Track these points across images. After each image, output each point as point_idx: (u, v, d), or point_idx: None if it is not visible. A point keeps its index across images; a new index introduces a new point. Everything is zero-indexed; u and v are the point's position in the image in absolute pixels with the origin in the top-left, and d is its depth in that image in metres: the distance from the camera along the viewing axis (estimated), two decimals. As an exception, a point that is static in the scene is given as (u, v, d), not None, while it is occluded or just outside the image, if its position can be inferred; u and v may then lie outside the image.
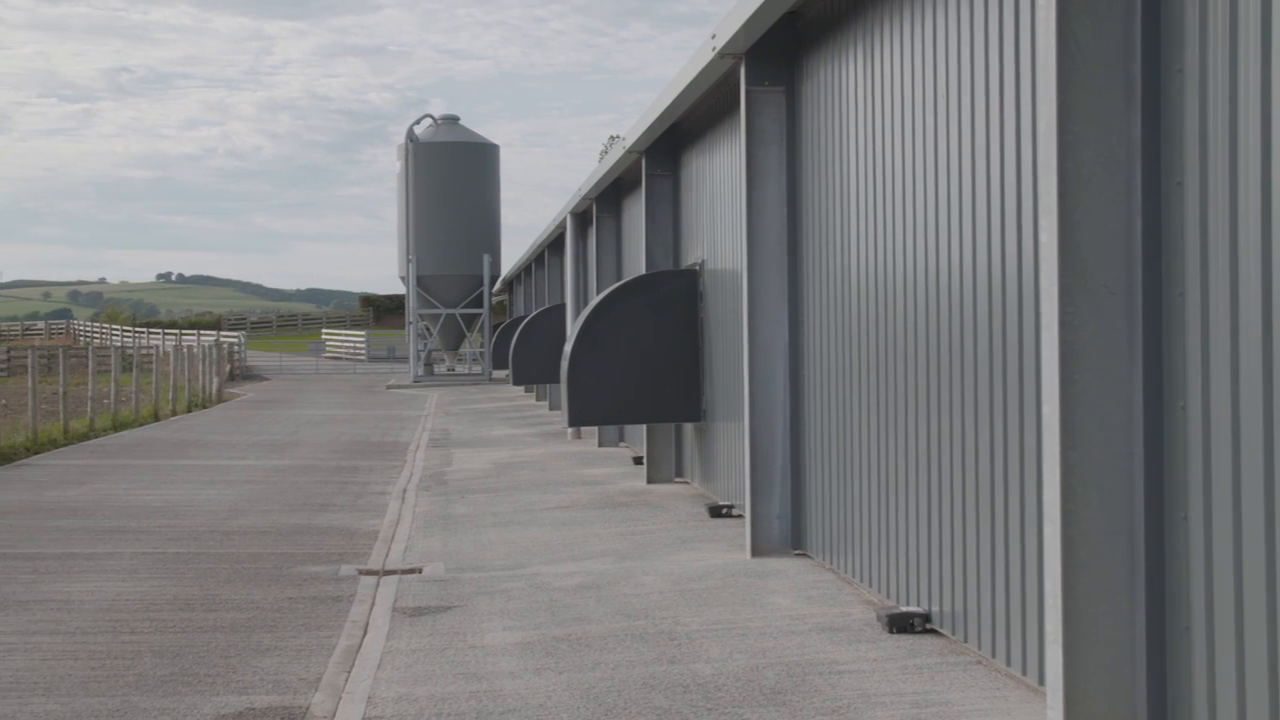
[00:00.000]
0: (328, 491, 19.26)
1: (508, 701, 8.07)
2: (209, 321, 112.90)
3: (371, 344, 78.67)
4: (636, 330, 17.24)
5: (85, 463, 23.71)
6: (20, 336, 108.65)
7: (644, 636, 9.60)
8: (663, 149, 18.78)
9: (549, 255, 38.91)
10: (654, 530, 14.59)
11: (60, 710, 8.11)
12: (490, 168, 58.87)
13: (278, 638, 10.01)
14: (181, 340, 62.43)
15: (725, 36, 12.41)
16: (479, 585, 11.85)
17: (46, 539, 14.72)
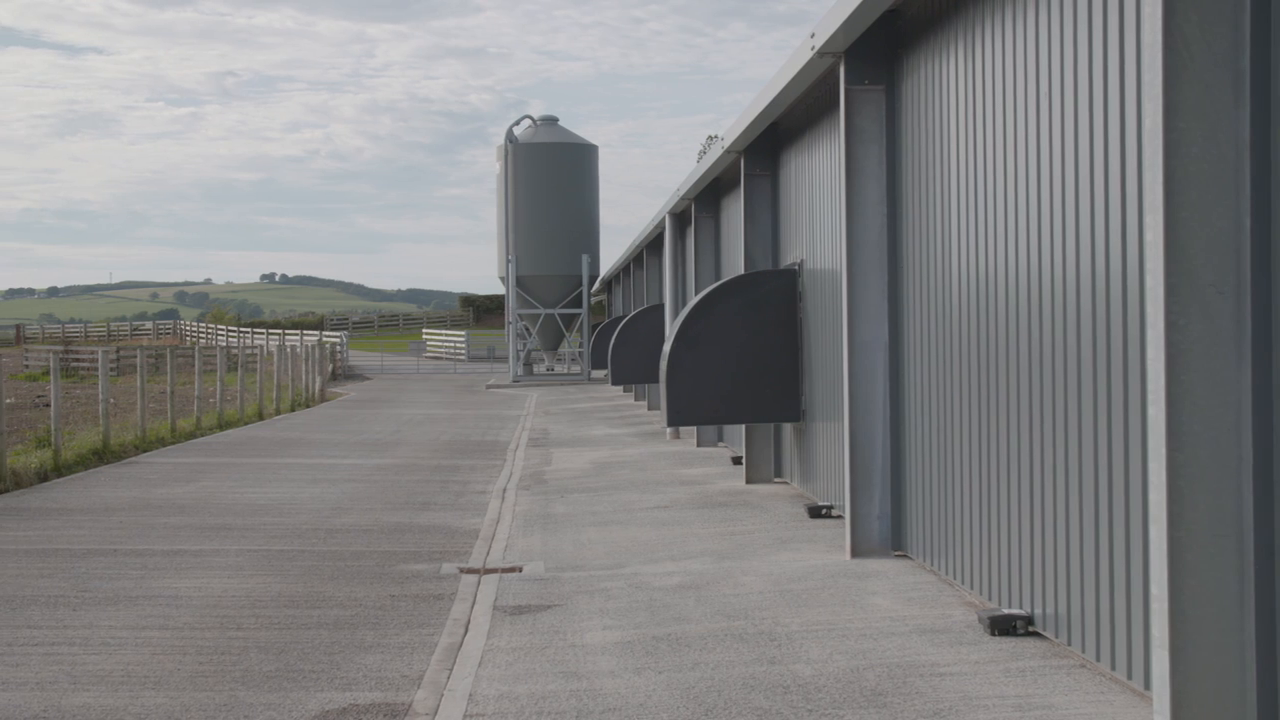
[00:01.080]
0: (429, 490, 19.42)
1: (608, 700, 8.10)
2: (312, 322, 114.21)
3: (471, 344, 79.18)
4: (735, 330, 17.21)
5: (192, 461, 24.07)
6: (129, 337, 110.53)
7: (744, 637, 9.60)
8: (761, 149, 18.75)
9: (647, 255, 38.95)
10: (753, 530, 14.57)
11: (169, 704, 8.25)
12: (589, 168, 59.03)
13: (380, 635, 10.11)
14: (285, 340, 63.21)
15: (824, 36, 12.37)
16: (579, 584, 11.90)
17: (155, 536, 14.97)
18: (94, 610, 10.96)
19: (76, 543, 14.45)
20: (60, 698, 8.37)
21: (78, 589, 11.85)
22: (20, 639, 9.94)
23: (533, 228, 56.93)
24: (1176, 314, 6.42)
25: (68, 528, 15.56)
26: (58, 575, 12.52)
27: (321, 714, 8.04)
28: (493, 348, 77.74)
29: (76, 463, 22.60)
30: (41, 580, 12.26)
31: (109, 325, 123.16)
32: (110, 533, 15.19)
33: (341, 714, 8.04)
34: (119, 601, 11.32)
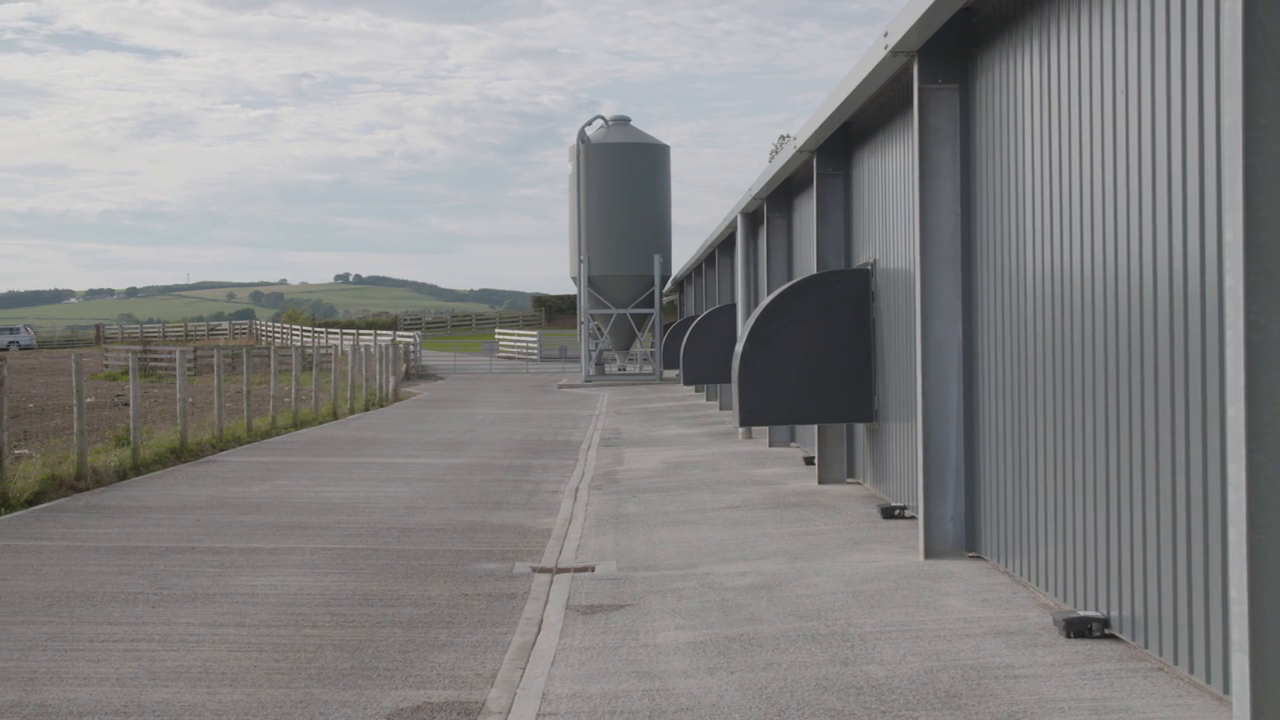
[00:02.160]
0: (502, 490, 19.50)
1: (680, 700, 8.10)
2: (385, 322, 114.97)
3: (543, 344, 79.43)
4: (808, 330, 17.17)
5: (267, 460, 24.30)
6: (206, 336, 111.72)
7: (816, 637, 9.57)
8: (834, 148, 18.69)
9: (719, 255, 38.92)
10: (826, 531, 14.52)
11: (246, 700, 8.33)
12: (661, 168, 59.05)
13: (454, 633, 10.16)
14: (359, 340, 63.66)
15: (898, 34, 12.32)
16: (651, 584, 11.91)
17: (231, 534, 15.12)
18: (172, 607, 11.08)
19: (155, 540, 14.62)
20: (140, 693, 8.48)
21: (156, 586, 11.99)
22: (101, 635, 10.08)
23: (605, 228, 57.02)
24: (1256, 313, 6.34)
25: (146, 525, 15.75)
26: (137, 572, 12.67)
27: (396, 712, 8.09)
28: (565, 348, 77.94)
29: (155, 461, 22.86)
30: (121, 577, 12.42)
31: (186, 325, 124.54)
32: (187, 531, 15.36)
33: (416, 712, 8.09)
34: (196, 599, 11.45)
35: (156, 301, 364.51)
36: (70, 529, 15.50)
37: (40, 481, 18.48)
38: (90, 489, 19.38)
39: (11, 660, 9.31)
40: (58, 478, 19.06)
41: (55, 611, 10.92)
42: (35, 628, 10.32)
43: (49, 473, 19.01)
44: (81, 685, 8.67)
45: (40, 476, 18.67)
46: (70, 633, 10.16)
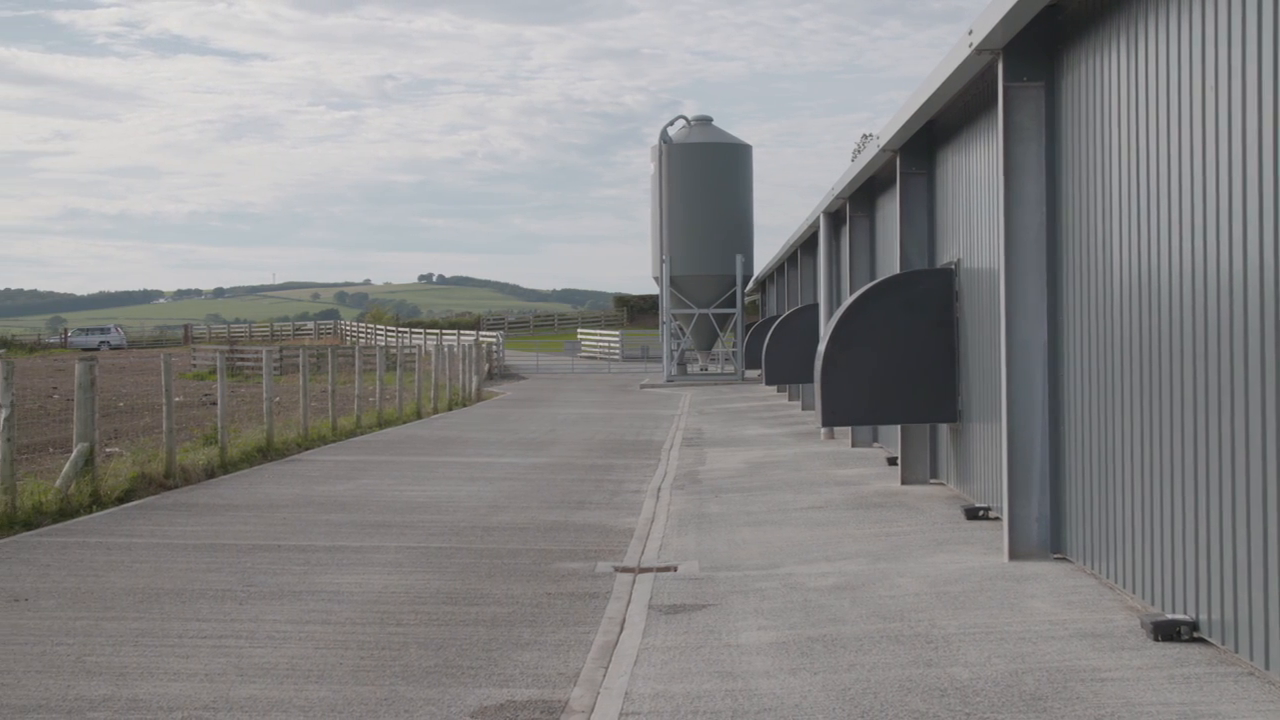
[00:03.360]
0: (584, 489, 19.56)
1: (763, 701, 8.09)
2: (468, 322, 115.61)
3: (625, 343, 79.55)
4: (891, 330, 17.09)
5: (352, 459, 24.50)
6: (291, 336, 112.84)
7: (899, 638, 9.53)
8: (917, 147, 18.59)
9: (801, 255, 38.82)
10: (909, 532, 14.45)
11: (332, 697, 8.41)
12: (743, 168, 58.98)
13: (537, 632, 10.21)
14: (442, 340, 64.05)
15: (983, 32, 12.24)
16: (733, 584, 11.90)
17: (317, 532, 15.27)
18: (259, 604, 11.21)
19: (242, 538, 14.79)
20: (228, 689, 8.59)
21: (244, 583, 12.14)
22: (190, 631, 10.21)
23: (687, 228, 57.02)
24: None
25: (234, 523, 15.94)
26: (224, 570, 12.83)
27: (480, 710, 8.14)
28: (647, 347, 78.02)
29: (242, 460, 23.12)
30: (209, 574, 12.58)
31: (272, 325, 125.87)
32: (274, 528, 15.53)
33: (499, 710, 8.14)
34: (283, 596, 11.57)
35: (243, 301, 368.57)
36: (160, 526, 15.71)
37: (130, 479, 18.75)
38: (179, 487, 19.64)
39: (104, 655, 9.46)
40: (147, 476, 19.33)
41: (146, 608, 11.08)
42: (126, 623, 10.48)
43: (139, 471, 19.28)
44: (171, 680, 8.79)
45: (130, 474, 18.94)
46: (160, 629, 10.30)
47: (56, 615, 10.79)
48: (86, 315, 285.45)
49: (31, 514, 15.95)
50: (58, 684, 8.72)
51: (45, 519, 16.05)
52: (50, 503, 16.50)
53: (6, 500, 15.65)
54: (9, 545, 14.29)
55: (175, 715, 8.02)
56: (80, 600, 11.38)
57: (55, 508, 16.48)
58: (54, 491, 16.87)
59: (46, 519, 16.06)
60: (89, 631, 10.20)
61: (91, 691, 8.53)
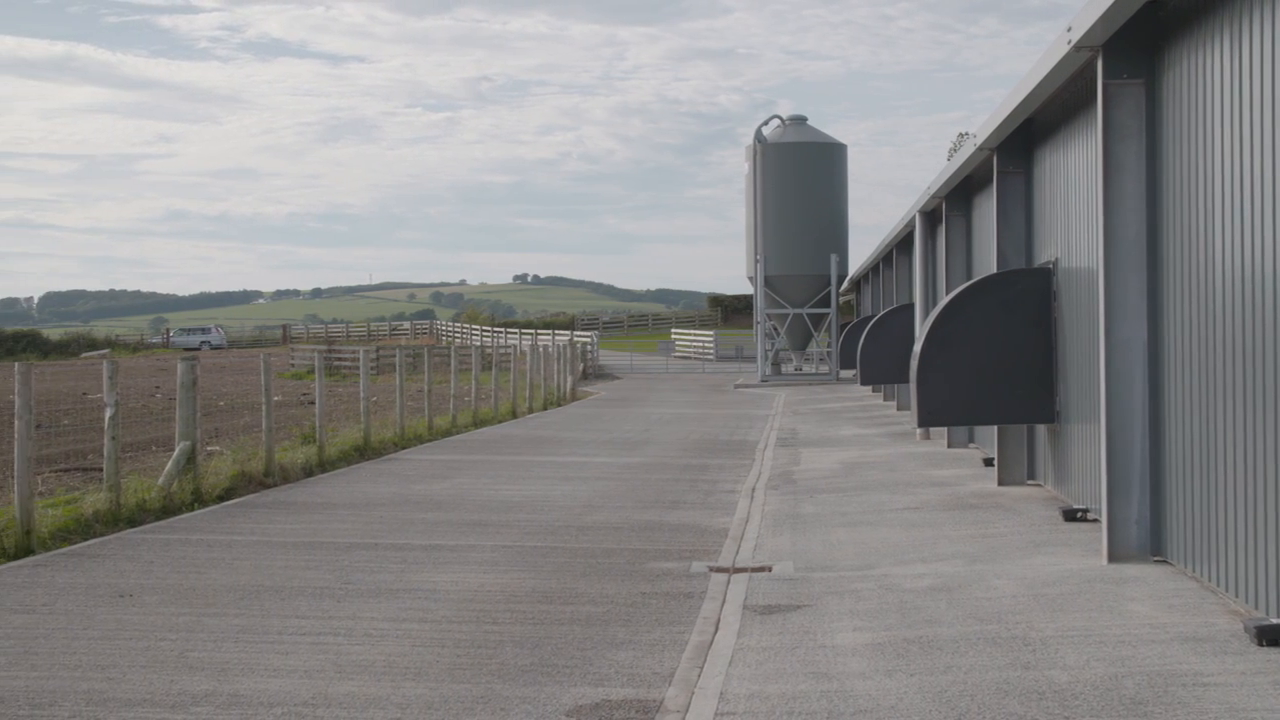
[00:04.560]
0: (678, 489, 19.57)
1: (858, 702, 8.06)
2: (563, 321, 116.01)
3: (719, 343, 79.48)
4: (987, 330, 16.95)
5: (448, 458, 24.68)
6: (388, 336, 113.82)
7: (997, 641, 9.46)
8: (1014, 145, 18.43)
9: (896, 254, 38.60)
10: (1005, 533, 14.33)
11: (429, 695, 8.49)
12: (838, 167, 58.74)
13: (632, 632, 10.23)
14: (537, 340, 64.35)
15: (1081, 29, 12.11)
16: (828, 585, 11.87)
17: (413, 531, 15.40)
18: (357, 602, 11.33)
19: (340, 536, 14.95)
20: (327, 685, 8.69)
21: (341, 581, 12.27)
22: (289, 628, 10.34)
23: (781, 227, 56.88)
24: None
25: (331, 521, 16.11)
26: (323, 567, 12.97)
27: (575, 709, 8.18)
28: (741, 347, 77.91)
29: (339, 459, 23.37)
30: (308, 572, 12.73)
31: (369, 325, 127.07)
32: (371, 527, 15.68)
33: (594, 709, 8.17)
34: (380, 594, 11.69)
35: (340, 302, 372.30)
36: (259, 524, 15.92)
37: (231, 478, 19.01)
38: (278, 485, 19.88)
39: (205, 651, 9.60)
40: (247, 474, 19.59)
41: (246, 604, 11.23)
42: (227, 620, 10.63)
43: (239, 469, 19.54)
44: (271, 677, 8.91)
45: (231, 473, 19.20)
46: (260, 625, 10.44)
47: (160, 611, 10.97)
48: (188, 315, 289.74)
49: (135, 511, 16.22)
50: (161, 679, 8.87)
51: (149, 516, 16.31)
52: (153, 500, 16.78)
53: (111, 497, 15.93)
54: (114, 542, 14.55)
55: (275, 711, 8.13)
56: (183, 596, 11.56)
57: (158, 505, 16.76)
58: (157, 489, 17.15)
59: (150, 516, 16.33)
60: (191, 627, 10.36)
61: (194, 687, 8.67)
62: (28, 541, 13.99)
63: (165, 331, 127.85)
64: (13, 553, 13.70)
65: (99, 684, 8.75)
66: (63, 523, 15.02)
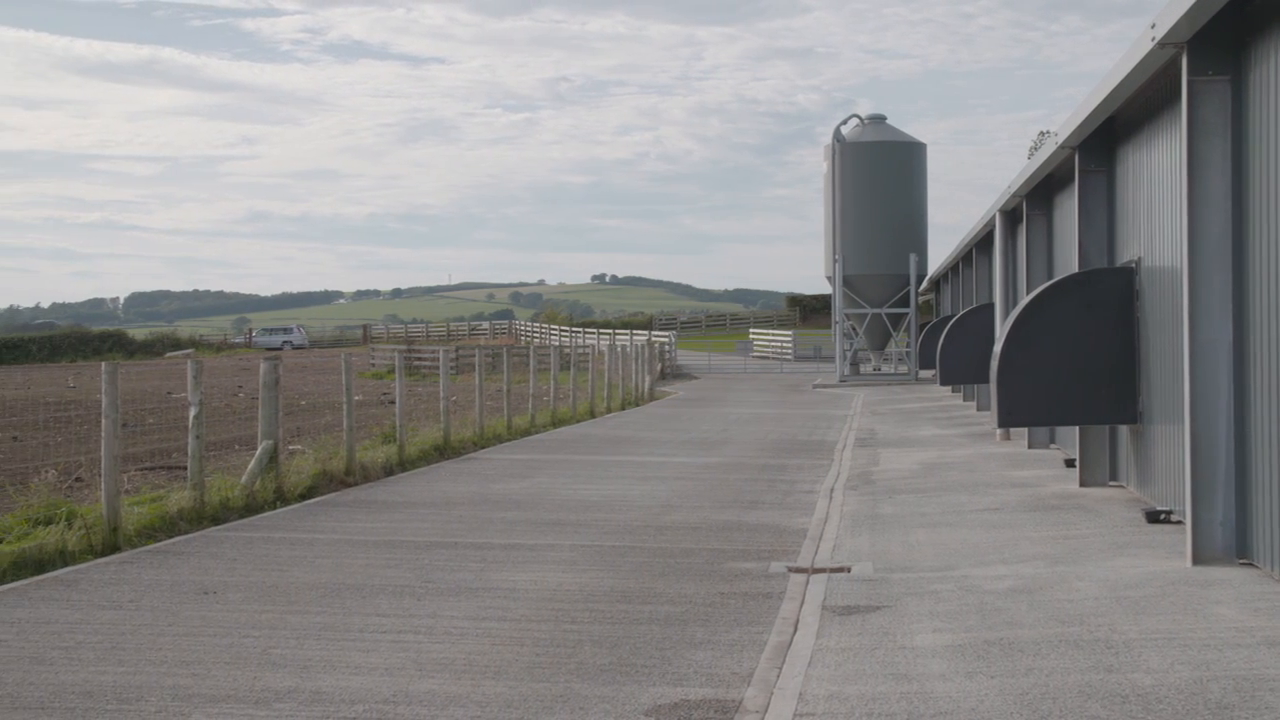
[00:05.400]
0: (756, 489, 19.55)
1: (939, 704, 8.02)
2: (641, 321, 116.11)
3: (798, 343, 79.26)
4: (1069, 330, 16.80)
5: (527, 457, 24.77)
6: (467, 336, 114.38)
7: (1079, 643, 9.37)
8: (1097, 144, 18.25)
9: (976, 254, 38.33)
10: (1087, 535, 14.20)
11: (508, 693, 8.53)
12: (917, 166, 58.44)
13: (710, 632, 10.23)
14: (615, 340, 64.46)
15: (1166, 26, 11.98)
16: (908, 586, 11.81)
17: (493, 530, 15.48)
18: (437, 600, 11.40)
19: (420, 535, 15.05)
20: (407, 683, 8.75)
21: (422, 580, 12.35)
22: (370, 626, 10.42)
23: (860, 227, 56.68)
24: None
25: (411, 520, 16.22)
26: (403, 566, 13.07)
27: (654, 708, 8.19)
28: (819, 347, 77.65)
29: (419, 458, 23.51)
30: (388, 570, 12.82)
31: (448, 325, 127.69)
32: (450, 526, 15.77)
33: (673, 709, 8.18)
34: (460, 593, 11.75)
35: (420, 302, 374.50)
36: (341, 522, 16.05)
37: (313, 476, 19.18)
38: (359, 484, 20.04)
39: (288, 648, 9.70)
40: (328, 473, 19.76)
41: (328, 602, 11.33)
42: (309, 617, 10.73)
43: (320, 468, 19.71)
44: (353, 674, 8.99)
45: (313, 472, 19.37)
46: (342, 623, 10.54)
47: (243, 608, 11.09)
48: (270, 315, 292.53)
49: (219, 509, 16.41)
50: (245, 675, 8.97)
51: (232, 514, 16.50)
52: (237, 498, 16.97)
53: (196, 496, 16.12)
54: (198, 539, 14.72)
55: (357, 708, 8.20)
56: (265, 594, 11.68)
57: (241, 503, 16.94)
58: (240, 488, 17.34)
59: (233, 514, 16.51)
60: (274, 625, 10.47)
61: (277, 683, 8.76)
62: (114, 539, 14.19)
63: (248, 331, 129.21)
64: (100, 550, 13.91)
65: (184, 680, 8.87)
66: (148, 520, 15.22)
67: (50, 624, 10.55)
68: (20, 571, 12.74)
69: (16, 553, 12.98)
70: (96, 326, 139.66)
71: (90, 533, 13.98)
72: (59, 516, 14.27)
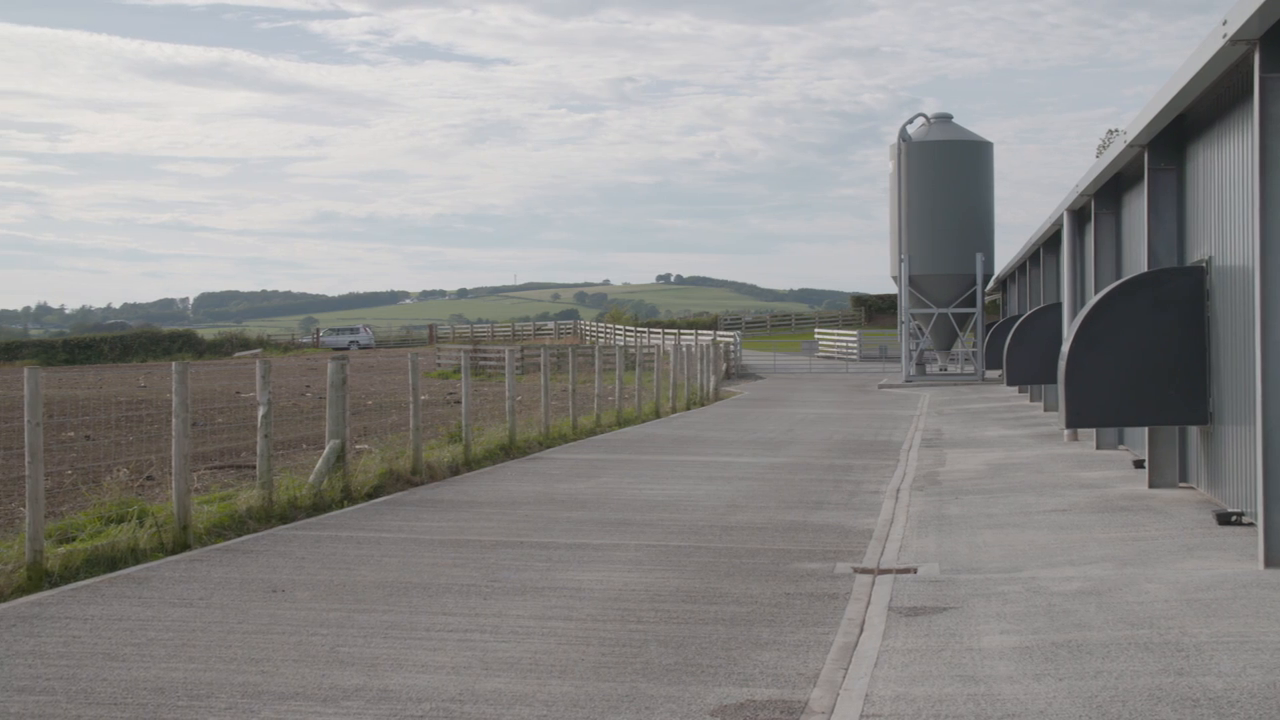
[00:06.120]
0: (822, 489, 19.50)
1: (1006, 706, 7.98)
2: (706, 321, 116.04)
3: (863, 343, 78.98)
4: (1138, 330, 16.66)
5: (592, 457, 24.81)
6: (532, 336, 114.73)
7: (1148, 646, 9.29)
8: (1166, 142, 18.08)
9: (1044, 253, 38.07)
10: (1156, 536, 14.08)
11: (574, 692, 8.55)
12: (983, 165, 58.08)
13: (776, 632, 10.22)
14: (680, 339, 64.45)
15: (1238, 22, 11.86)
16: (974, 587, 11.75)
17: (558, 529, 15.51)
18: (503, 600, 11.44)
19: (485, 534, 15.11)
20: (474, 682, 8.79)
21: (488, 579, 12.40)
22: (437, 625, 10.48)
23: (926, 226, 56.41)
24: None
25: (477, 520, 16.29)
26: (469, 565, 13.12)
27: (720, 708, 8.19)
28: (885, 347, 77.34)
29: (485, 457, 23.60)
30: (454, 570, 12.88)
31: (513, 325, 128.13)
32: (516, 525, 15.82)
33: (739, 709, 8.17)
34: (526, 592, 11.79)
35: (485, 302, 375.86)
36: (407, 522, 16.14)
37: (379, 476, 19.30)
38: (425, 483, 20.14)
39: (355, 646, 9.77)
40: (395, 472, 19.87)
41: (394, 601, 11.40)
42: (376, 616, 10.80)
43: (387, 467, 19.83)
44: (420, 672, 9.04)
45: (379, 471, 19.49)
46: (408, 621, 10.60)
47: (311, 606, 11.18)
48: (337, 315, 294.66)
49: (287, 508, 16.55)
50: (313, 673, 9.04)
51: (300, 513, 16.63)
52: (304, 497, 17.10)
53: (264, 494, 16.26)
54: (266, 538, 14.85)
55: (424, 706, 8.25)
56: (333, 592, 11.77)
57: (309, 502, 17.07)
58: (308, 487, 17.47)
59: (301, 513, 16.64)
60: (341, 623, 10.54)
61: (345, 681, 8.83)
62: (185, 537, 14.34)
63: (315, 331, 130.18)
64: (170, 548, 14.06)
65: (253, 677, 8.95)
66: (218, 519, 15.37)
67: (122, 621, 10.68)
68: (93, 569, 12.90)
69: (90, 550, 13.14)
70: (167, 326, 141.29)
71: (161, 531, 14.14)
72: (131, 515, 14.43)
